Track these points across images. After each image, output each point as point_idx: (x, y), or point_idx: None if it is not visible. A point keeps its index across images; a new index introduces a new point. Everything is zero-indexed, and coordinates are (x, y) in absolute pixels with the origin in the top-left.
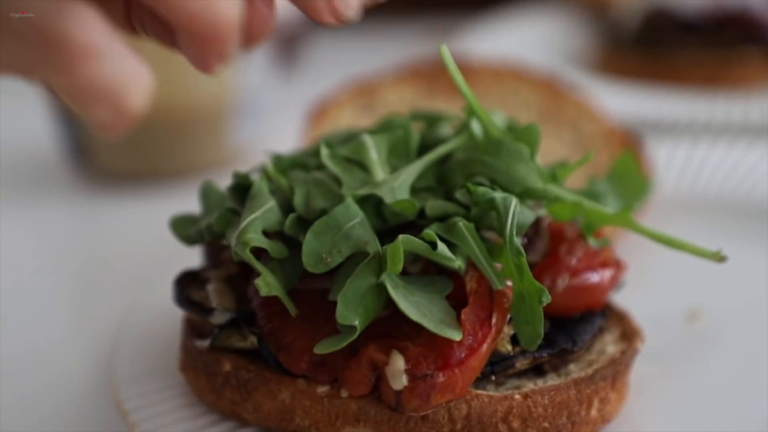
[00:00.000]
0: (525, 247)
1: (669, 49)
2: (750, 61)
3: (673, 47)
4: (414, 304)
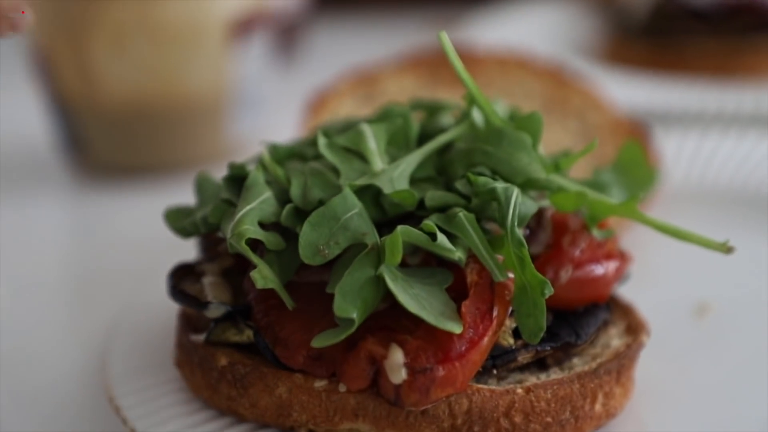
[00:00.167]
0: (527, 239)
1: (678, 38)
2: (762, 50)
3: (683, 36)
4: (413, 296)
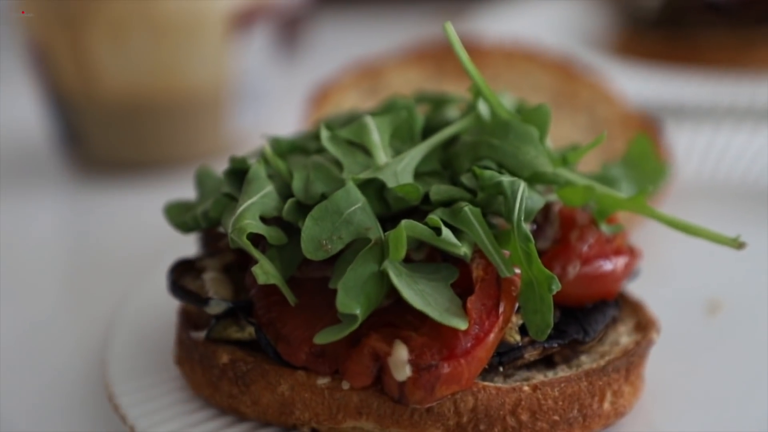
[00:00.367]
0: (534, 234)
1: (691, 30)
2: None
3: (696, 28)
4: (418, 292)
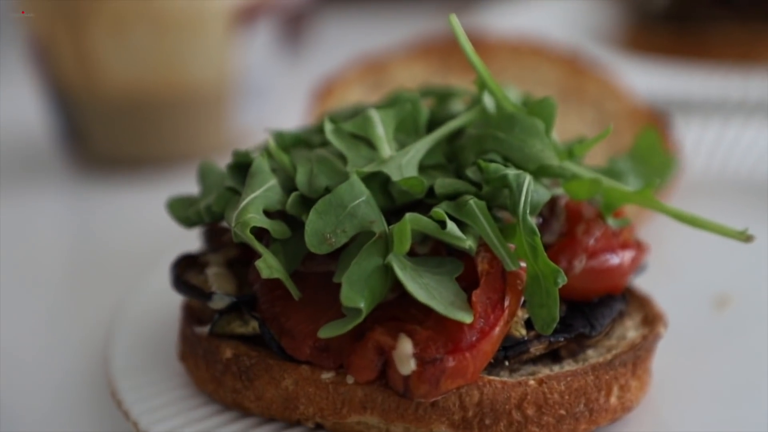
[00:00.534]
0: (540, 228)
1: (701, 24)
2: None
3: (705, 22)
4: (422, 285)
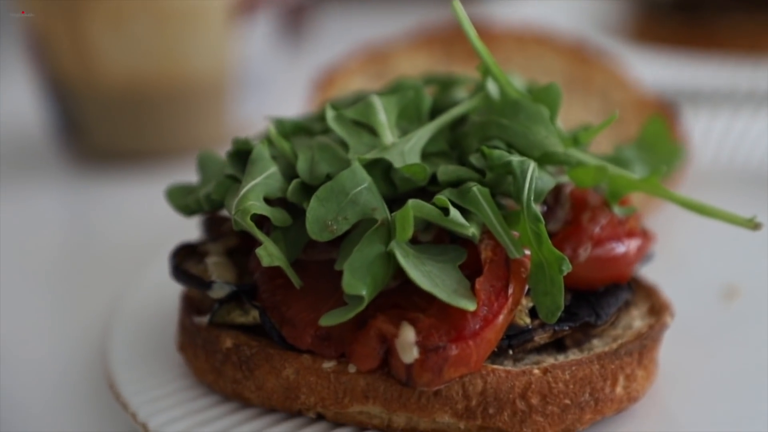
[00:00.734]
0: (544, 216)
1: (709, 15)
2: None
3: (714, 13)
4: (425, 273)
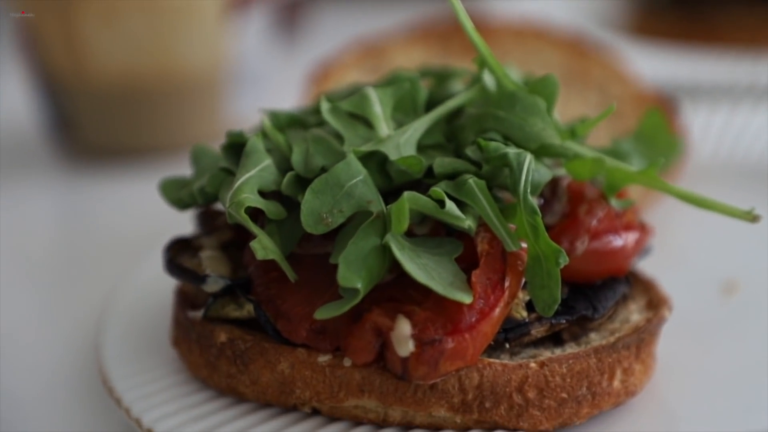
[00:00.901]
0: (542, 209)
1: (709, 9)
2: None
3: (714, 7)
4: (421, 266)
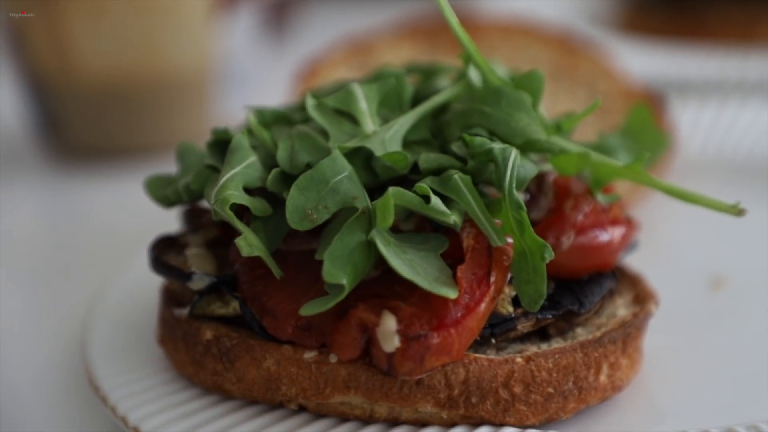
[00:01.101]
0: (528, 204)
1: (698, 5)
2: None
3: (703, 3)
4: (406, 261)
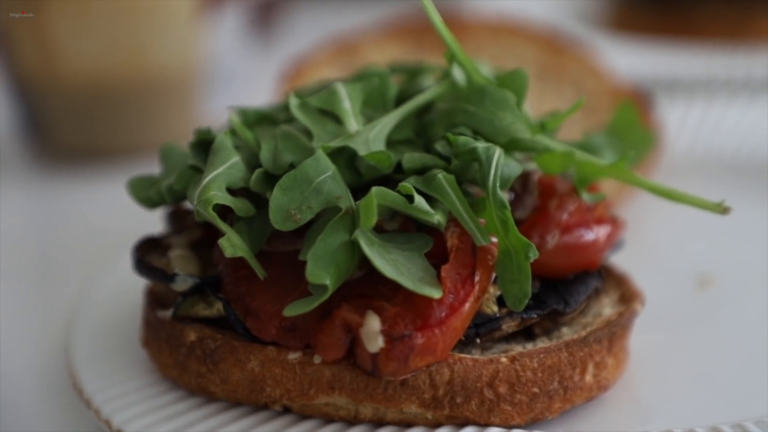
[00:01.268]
0: (512, 203)
1: (687, 3)
2: None
3: (691, 1)
4: (390, 261)
